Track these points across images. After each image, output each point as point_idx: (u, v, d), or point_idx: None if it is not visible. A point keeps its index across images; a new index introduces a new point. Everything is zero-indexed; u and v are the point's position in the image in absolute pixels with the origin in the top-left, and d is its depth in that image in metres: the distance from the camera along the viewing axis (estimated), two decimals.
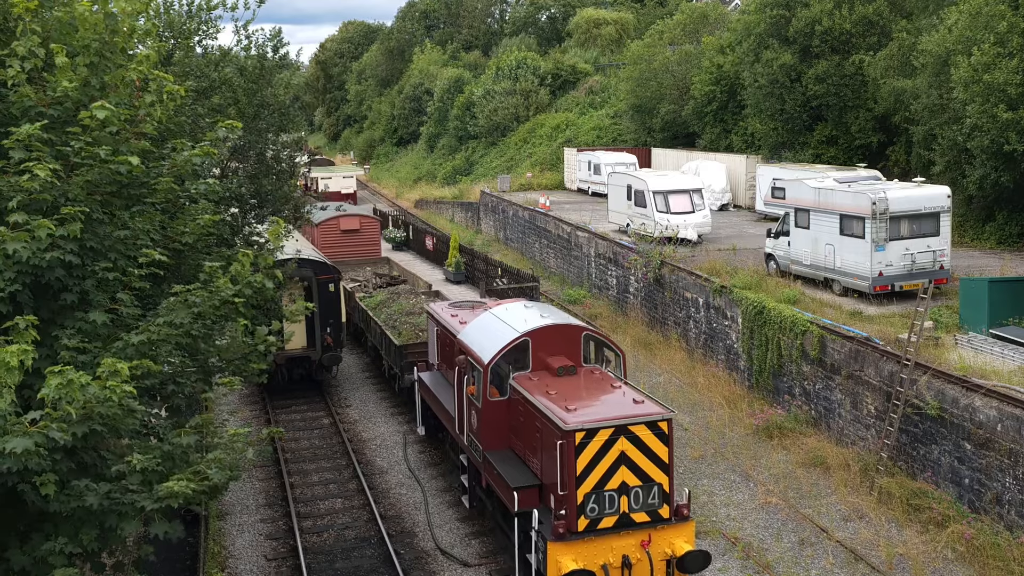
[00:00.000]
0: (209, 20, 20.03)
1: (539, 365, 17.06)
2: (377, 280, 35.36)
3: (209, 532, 18.62)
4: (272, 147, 22.37)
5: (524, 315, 18.37)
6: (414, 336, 25.67)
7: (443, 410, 20.02)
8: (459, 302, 23.13)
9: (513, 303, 20.15)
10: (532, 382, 16.44)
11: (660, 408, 15.13)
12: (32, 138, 8.65)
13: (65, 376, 7.52)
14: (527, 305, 19.52)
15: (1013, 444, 16.79)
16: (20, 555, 8.46)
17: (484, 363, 16.90)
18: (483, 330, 18.42)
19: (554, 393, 15.67)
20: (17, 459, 7.37)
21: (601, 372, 17.11)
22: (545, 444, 15.27)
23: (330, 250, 36.83)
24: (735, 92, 46.97)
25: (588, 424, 14.49)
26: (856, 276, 24.30)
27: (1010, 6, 27.90)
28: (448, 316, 21.06)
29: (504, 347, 16.96)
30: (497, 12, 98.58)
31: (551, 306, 19.65)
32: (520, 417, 16.47)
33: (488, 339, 17.73)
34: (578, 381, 16.58)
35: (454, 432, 19.09)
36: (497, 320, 18.48)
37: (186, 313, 9.39)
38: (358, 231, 39.23)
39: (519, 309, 19.07)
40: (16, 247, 8.21)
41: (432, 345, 22.26)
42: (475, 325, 18.98)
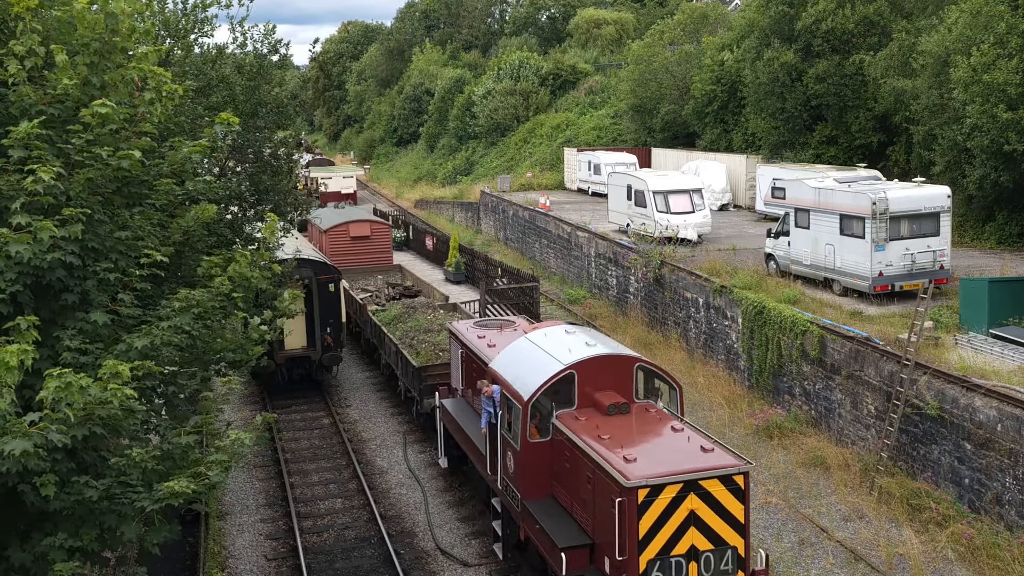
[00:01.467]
0: (205, 19, 20.01)
1: (586, 401, 15.05)
2: (390, 291, 33.14)
3: (209, 532, 18.62)
4: (270, 145, 22.36)
5: (567, 343, 16.23)
6: (434, 356, 23.55)
7: (470, 444, 18.07)
8: (484, 320, 21.45)
9: (551, 327, 17.65)
10: (579, 422, 14.51)
11: (734, 458, 13.19)
12: (31, 137, 8.65)
13: (64, 379, 7.52)
14: (568, 330, 17.20)
15: (1013, 444, 16.79)
16: (20, 553, 8.47)
17: (523, 399, 14.85)
18: (519, 359, 16.35)
19: (607, 437, 13.78)
20: (16, 460, 7.37)
21: (657, 410, 15.11)
22: (599, 499, 13.35)
23: (339, 257, 35.36)
24: (736, 91, 46.97)
25: (653, 479, 12.57)
26: (856, 276, 24.30)
27: (1010, 6, 27.90)
28: (474, 338, 19.22)
29: (546, 381, 14.94)
30: (497, 12, 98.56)
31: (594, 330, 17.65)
32: (566, 463, 14.54)
33: (526, 370, 15.69)
34: (632, 421, 14.68)
35: (484, 472, 17.12)
36: (535, 348, 16.43)
37: (188, 316, 9.40)
38: (368, 237, 37.27)
39: (560, 335, 16.84)
40: (18, 249, 8.21)
41: (456, 369, 20.33)
42: (510, 353, 16.82)
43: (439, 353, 23.59)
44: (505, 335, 18.81)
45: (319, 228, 37.47)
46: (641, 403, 15.36)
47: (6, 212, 8.70)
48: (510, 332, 19.12)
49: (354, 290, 33.11)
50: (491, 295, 31.55)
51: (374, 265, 36.95)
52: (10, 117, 9.33)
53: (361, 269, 36.16)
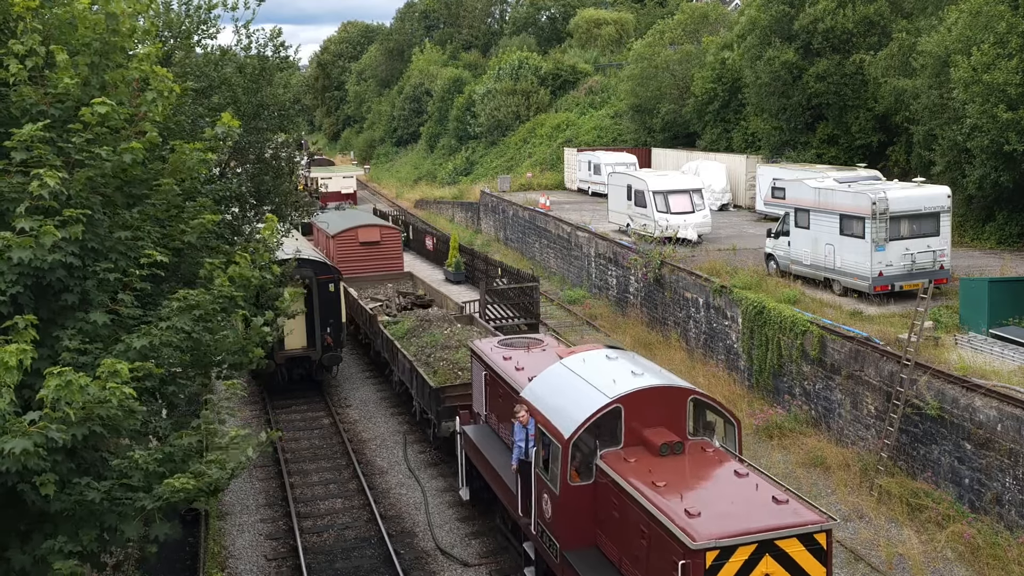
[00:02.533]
0: (208, 20, 20.02)
1: (634, 439, 13.44)
2: (401, 300, 31.41)
3: (209, 532, 18.62)
4: (271, 147, 22.37)
5: (610, 371, 14.53)
6: (452, 376, 21.91)
7: (497, 479, 16.45)
8: (509, 339, 19.62)
9: (590, 351, 16.04)
10: (628, 464, 12.93)
11: (815, 513, 11.56)
12: (34, 139, 8.65)
13: (64, 377, 7.52)
14: (610, 355, 15.48)
15: (1013, 444, 16.79)
16: (20, 555, 8.46)
17: (563, 438, 13.26)
18: (556, 389, 14.70)
19: (662, 484, 12.15)
20: (16, 459, 7.37)
21: (715, 450, 13.45)
22: (655, 557, 11.77)
23: (347, 263, 33.87)
24: (737, 90, 46.97)
25: (722, 539, 10.92)
26: (856, 276, 24.30)
27: (1010, 6, 27.90)
28: (499, 359, 17.63)
29: (589, 417, 13.28)
30: (497, 12, 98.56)
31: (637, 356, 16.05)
32: (613, 511, 12.93)
33: (565, 403, 14.09)
34: (689, 463, 13.06)
35: (514, 513, 15.57)
36: (574, 376, 14.76)
37: (188, 317, 9.40)
38: (378, 243, 35.39)
39: (601, 362, 15.18)
40: (21, 254, 8.22)
41: (479, 392, 18.68)
42: (545, 381, 15.18)
43: (458, 372, 21.95)
44: (534, 357, 17.38)
45: (326, 233, 35.88)
46: (695, 440, 13.65)
47: (8, 214, 8.69)
48: (539, 353, 17.67)
49: (363, 299, 31.49)
50: (491, 295, 31.54)
51: (384, 272, 35.25)
52: (11, 117, 9.33)
53: (371, 276, 34.50)
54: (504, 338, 19.77)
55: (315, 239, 37.80)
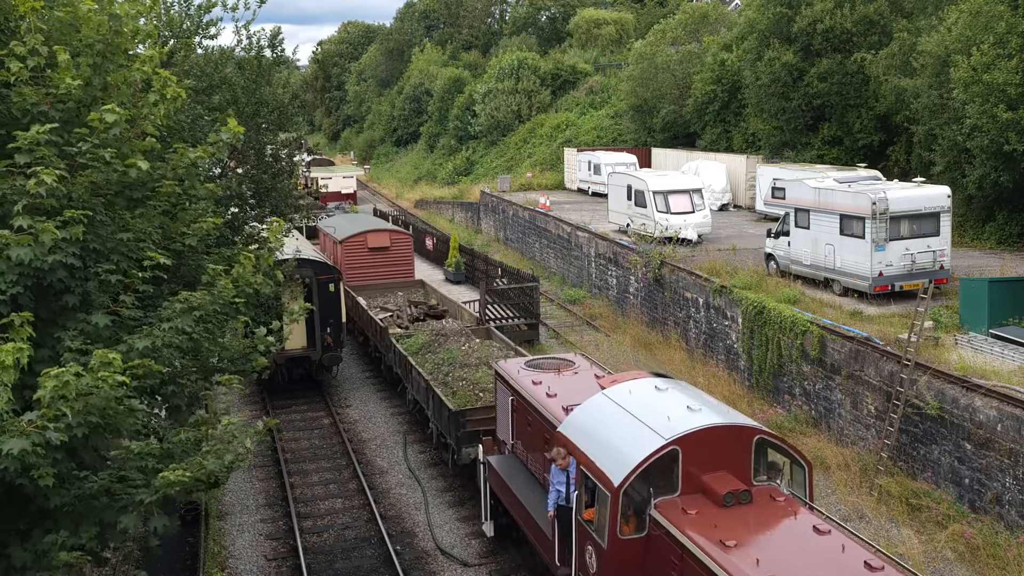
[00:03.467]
0: (210, 21, 20.03)
1: (693, 486, 11.94)
2: (413, 310, 29.68)
3: (209, 532, 18.64)
4: (271, 146, 22.38)
5: (662, 406, 13.00)
6: (473, 398, 20.38)
7: (528, 519, 14.93)
8: (537, 359, 18.10)
9: (635, 381, 14.40)
10: (688, 516, 11.43)
11: None
12: (38, 142, 8.65)
13: (61, 378, 7.52)
14: (659, 386, 13.87)
15: (1013, 444, 16.80)
16: (21, 552, 8.47)
17: (613, 485, 11.76)
18: (601, 425, 13.21)
19: (732, 543, 10.67)
20: (14, 460, 7.38)
21: (786, 498, 11.84)
22: None
23: (356, 271, 32.98)
24: (736, 91, 46.99)
25: None
26: (856, 276, 24.31)
27: (1009, 6, 27.91)
28: (528, 384, 16.12)
29: (643, 461, 11.77)
30: (497, 12, 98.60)
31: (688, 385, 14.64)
32: (671, 571, 11.42)
33: (613, 443, 12.61)
34: (758, 516, 11.46)
35: (548, 558, 14.14)
36: (620, 411, 13.20)
37: (189, 318, 9.40)
38: (388, 249, 33.87)
39: (650, 394, 13.63)
40: (20, 252, 8.22)
41: (504, 418, 17.22)
42: (586, 416, 13.63)
43: (479, 394, 20.48)
44: (566, 381, 16.06)
45: (333, 238, 34.50)
46: (762, 487, 12.09)
47: (8, 215, 8.70)
48: (571, 377, 16.36)
49: (372, 308, 30.20)
50: (491, 295, 31.55)
51: (394, 279, 33.73)
52: (12, 117, 9.33)
53: (380, 284, 33.05)
54: (532, 359, 18.13)
55: (321, 244, 36.83)
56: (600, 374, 16.41)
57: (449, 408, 19.66)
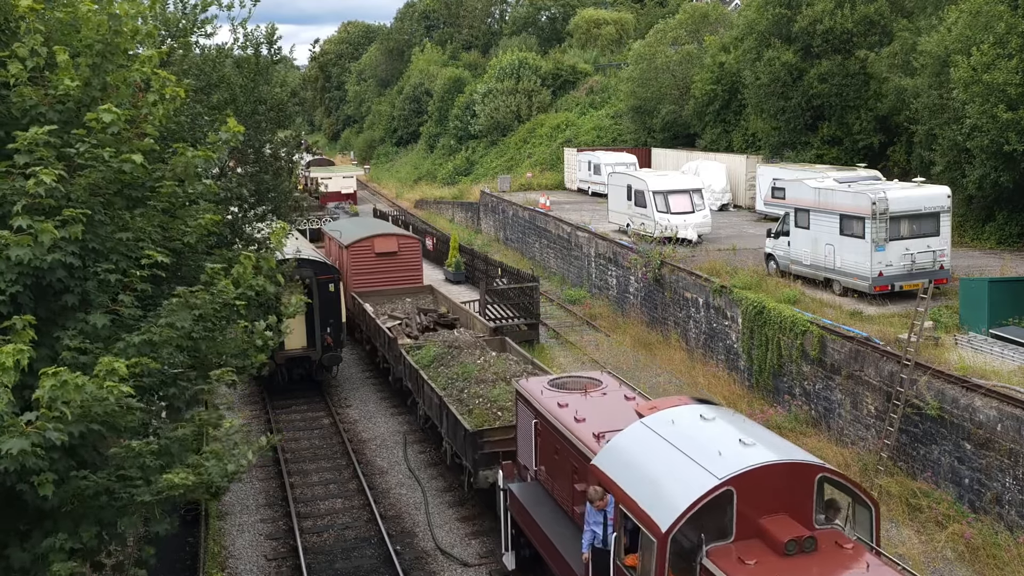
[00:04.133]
0: (205, 20, 20.01)
1: (748, 530, 10.72)
2: (422, 319, 28.50)
3: (209, 532, 18.64)
4: (271, 144, 22.37)
5: (711, 438, 11.76)
6: (490, 417, 19.24)
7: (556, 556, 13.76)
8: (561, 378, 16.78)
9: (677, 408, 13.11)
10: (745, 566, 10.24)
11: None
12: (38, 142, 8.66)
13: (59, 377, 7.52)
14: (705, 414, 12.57)
15: (1013, 444, 16.80)
16: (20, 553, 8.47)
17: (660, 531, 10.60)
18: (641, 459, 12.03)
19: None
20: (14, 460, 7.38)
21: (853, 545, 10.72)
22: None
23: (363, 276, 32.09)
24: (736, 91, 47.00)
25: None
26: (856, 276, 24.31)
27: (1009, 6, 27.91)
28: (553, 405, 14.93)
29: (694, 503, 10.55)
30: (497, 12, 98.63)
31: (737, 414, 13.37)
32: None
33: (657, 480, 11.45)
34: (825, 566, 10.35)
35: None
36: (663, 443, 12.01)
37: (187, 315, 9.39)
38: (395, 254, 32.74)
39: (695, 424, 12.37)
40: (19, 252, 8.22)
41: (527, 442, 15.94)
42: (624, 448, 12.39)
43: (497, 413, 19.40)
44: (595, 404, 14.93)
45: (339, 243, 33.63)
46: (824, 531, 10.90)
47: (8, 216, 8.70)
48: (599, 398, 15.26)
49: (380, 316, 28.99)
50: (491, 295, 31.56)
51: (402, 286, 32.62)
52: (11, 118, 9.34)
53: (388, 291, 31.99)
54: (555, 378, 16.80)
55: (326, 249, 36.01)
56: (630, 395, 15.35)
57: (466, 428, 18.53)
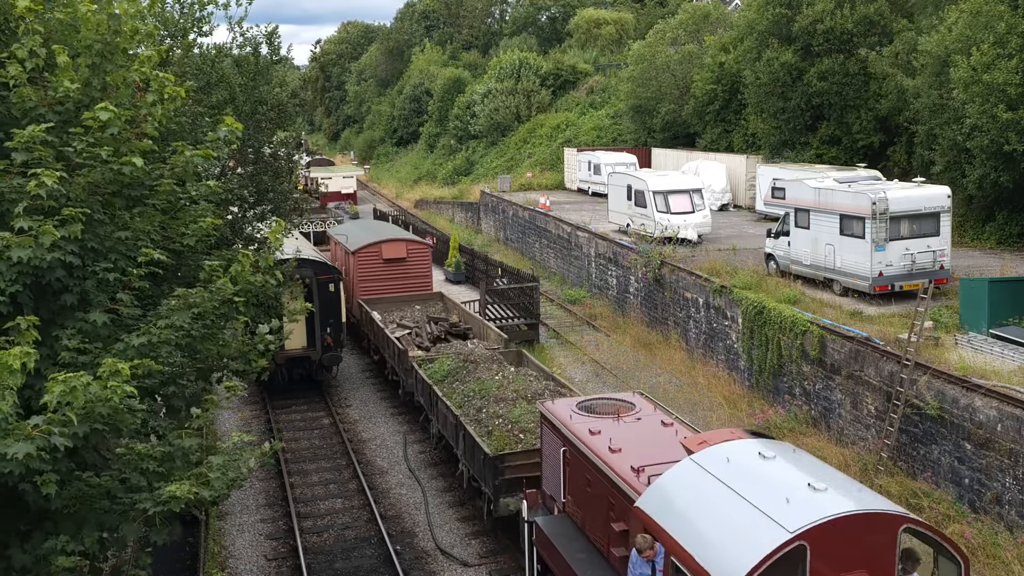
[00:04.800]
0: (203, 18, 20.01)
1: None
2: (433, 328, 27.31)
3: (209, 532, 18.64)
4: (270, 145, 22.38)
5: (775, 481, 10.44)
6: (511, 439, 17.92)
7: None
8: (589, 401, 15.39)
9: (730, 444, 11.65)
10: None
11: None
12: (35, 140, 8.66)
13: (68, 383, 7.53)
14: (766, 453, 11.03)
15: (1013, 444, 16.80)
16: (22, 554, 8.47)
17: None
18: (695, 505, 10.71)
19: None
20: (19, 463, 7.39)
21: None
22: None
23: (370, 283, 31.07)
24: (736, 91, 46.99)
25: None
26: (856, 276, 24.31)
27: (1009, 6, 27.91)
28: (584, 433, 13.67)
29: (761, 562, 9.31)
30: (497, 12, 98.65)
31: (800, 451, 11.75)
32: None
33: (717, 532, 10.14)
34: None
35: None
36: (719, 485, 10.58)
37: (187, 315, 9.40)
38: (404, 260, 31.60)
39: (754, 463, 10.92)
40: (20, 254, 8.24)
41: (555, 471, 14.69)
42: (674, 490, 11.02)
43: (519, 435, 18.09)
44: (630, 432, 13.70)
45: (345, 248, 32.47)
46: None
47: (8, 215, 8.70)
48: (634, 424, 14.05)
49: (388, 324, 28.01)
50: (491, 295, 31.56)
51: (411, 293, 31.43)
52: (11, 118, 9.34)
53: (396, 298, 30.87)
54: (583, 400, 15.52)
55: (332, 253, 35.02)
56: (667, 420, 14.14)
57: (485, 451, 17.32)
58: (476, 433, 18.25)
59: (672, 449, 12.56)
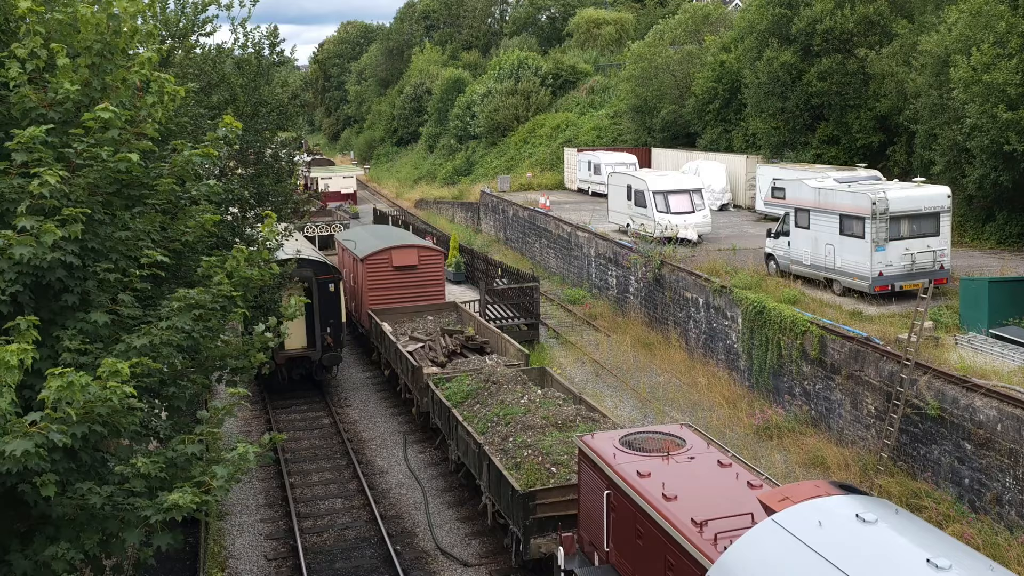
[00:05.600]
0: (205, 19, 20.05)
1: None
2: (448, 342, 25.78)
3: (209, 532, 18.64)
4: (271, 146, 22.40)
5: (884, 554, 8.86)
6: (543, 474, 16.19)
7: None
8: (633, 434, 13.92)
9: (822, 502, 9.89)
10: None
11: None
12: (35, 140, 8.67)
13: (66, 378, 7.53)
14: (865, 515, 9.43)
15: (1013, 444, 16.80)
16: (22, 559, 8.46)
17: None
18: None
19: None
20: (17, 460, 7.38)
21: None
22: None
23: (379, 292, 29.66)
24: (737, 91, 46.99)
25: None
26: (856, 276, 24.31)
27: (1009, 6, 27.91)
28: (632, 475, 12.25)
29: None
30: (497, 12, 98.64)
31: (907, 512, 10.08)
32: None
33: None
34: None
35: None
36: (816, 559, 8.86)
37: (188, 315, 9.40)
38: (415, 267, 30.13)
39: (854, 528, 9.32)
40: (21, 252, 8.25)
41: (595, 516, 13.26)
42: (758, 561, 9.34)
43: (550, 468, 16.36)
44: (685, 473, 12.34)
45: (354, 255, 31.06)
46: None
47: (7, 215, 8.71)
48: (687, 465, 12.61)
49: (400, 337, 26.63)
50: (491, 295, 31.57)
51: (422, 303, 29.97)
52: (11, 119, 9.35)
53: (407, 308, 29.42)
54: (627, 434, 14.00)
55: (339, 260, 33.71)
56: (725, 460, 12.66)
57: (513, 487, 15.78)
58: (503, 466, 16.66)
59: (737, 498, 11.25)
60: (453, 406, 20.12)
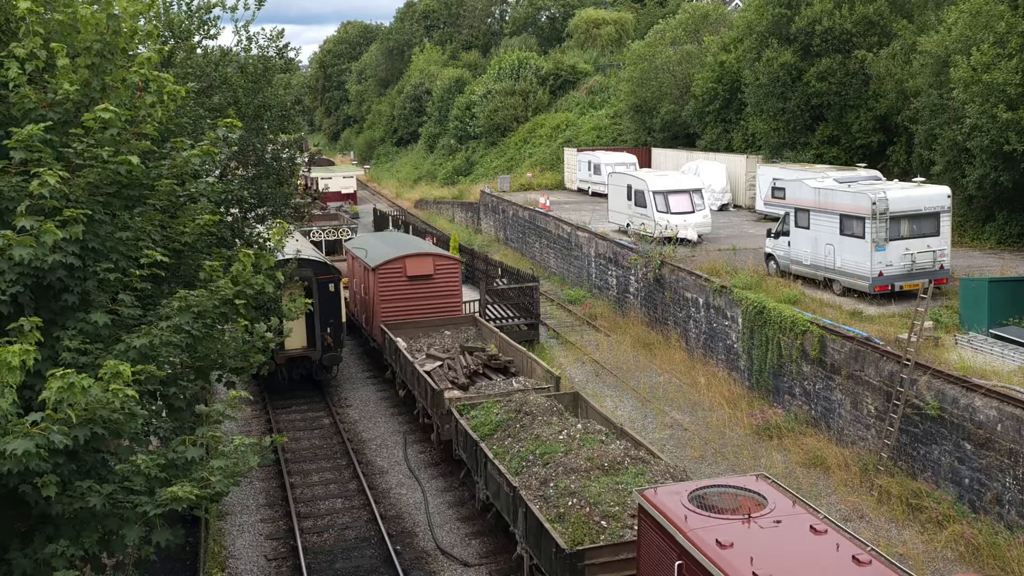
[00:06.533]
0: (209, 20, 20.05)
1: None
2: (469, 361, 23.67)
3: (209, 532, 18.64)
4: (273, 145, 22.39)
5: None
6: (592, 528, 14.04)
7: None
8: (704, 490, 12.12)
9: None
10: None
11: None
12: (34, 139, 8.68)
13: (66, 379, 7.54)
14: None
15: (1013, 444, 16.80)
16: (22, 558, 8.47)
17: None
18: None
19: None
20: (18, 460, 7.39)
21: None
22: None
23: (393, 304, 27.70)
24: (737, 91, 46.99)
25: None
26: (856, 276, 24.31)
27: (1009, 6, 27.91)
28: (711, 545, 10.53)
29: None
30: (497, 12, 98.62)
31: None
32: None
33: None
34: None
35: None
36: None
37: (188, 315, 9.41)
38: (430, 277, 28.20)
39: None
40: (22, 252, 8.25)
41: None
42: None
43: (599, 522, 14.20)
44: (774, 543, 10.62)
45: (365, 264, 29.21)
46: None
47: (7, 214, 8.71)
48: (774, 532, 10.89)
49: (416, 354, 24.69)
50: (491, 295, 31.57)
51: (439, 316, 28.16)
52: (11, 118, 9.35)
53: (423, 322, 27.68)
54: (696, 488, 12.18)
55: (349, 269, 32.17)
56: (818, 525, 10.95)
57: (557, 543, 13.67)
58: (544, 516, 14.55)
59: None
60: (481, 438, 18.02)
